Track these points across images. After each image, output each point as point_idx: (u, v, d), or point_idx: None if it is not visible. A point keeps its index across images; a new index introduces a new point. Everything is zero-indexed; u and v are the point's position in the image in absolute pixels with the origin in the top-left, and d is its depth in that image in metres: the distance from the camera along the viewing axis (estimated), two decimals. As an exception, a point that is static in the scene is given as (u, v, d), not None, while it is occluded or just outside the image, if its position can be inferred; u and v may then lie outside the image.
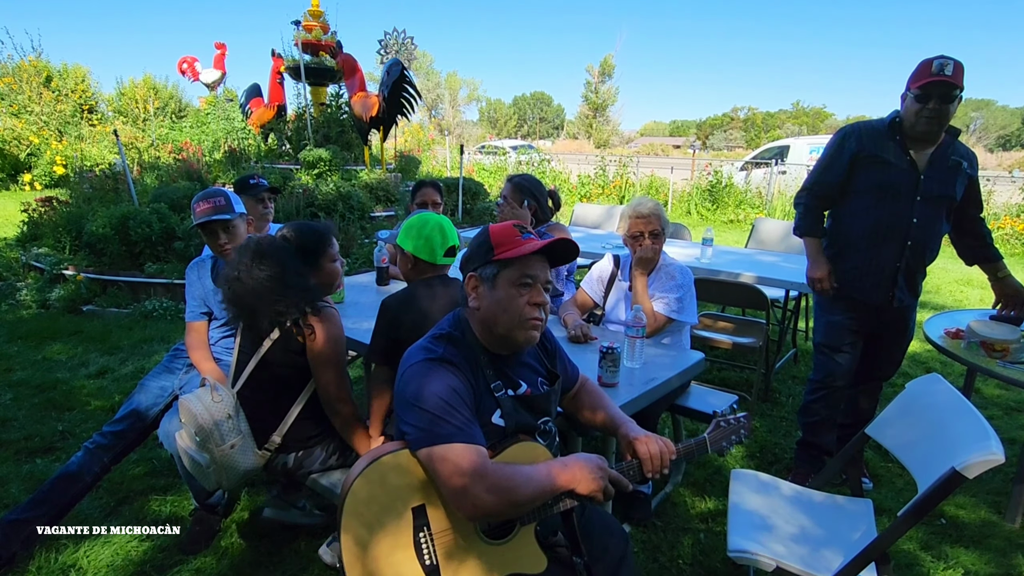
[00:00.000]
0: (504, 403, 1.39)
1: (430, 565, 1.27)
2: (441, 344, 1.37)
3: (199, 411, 1.78)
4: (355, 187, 6.25)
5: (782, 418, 3.35)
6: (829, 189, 2.56)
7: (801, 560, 1.67)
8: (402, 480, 1.27)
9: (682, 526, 2.44)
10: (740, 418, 1.56)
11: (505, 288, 1.35)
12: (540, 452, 1.38)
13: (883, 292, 2.50)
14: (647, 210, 2.50)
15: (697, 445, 1.50)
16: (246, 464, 1.85)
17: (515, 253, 1.34)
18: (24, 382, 3.60)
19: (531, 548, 1.35)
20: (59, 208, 5.83)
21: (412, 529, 1.27)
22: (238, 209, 2.38)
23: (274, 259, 1.85)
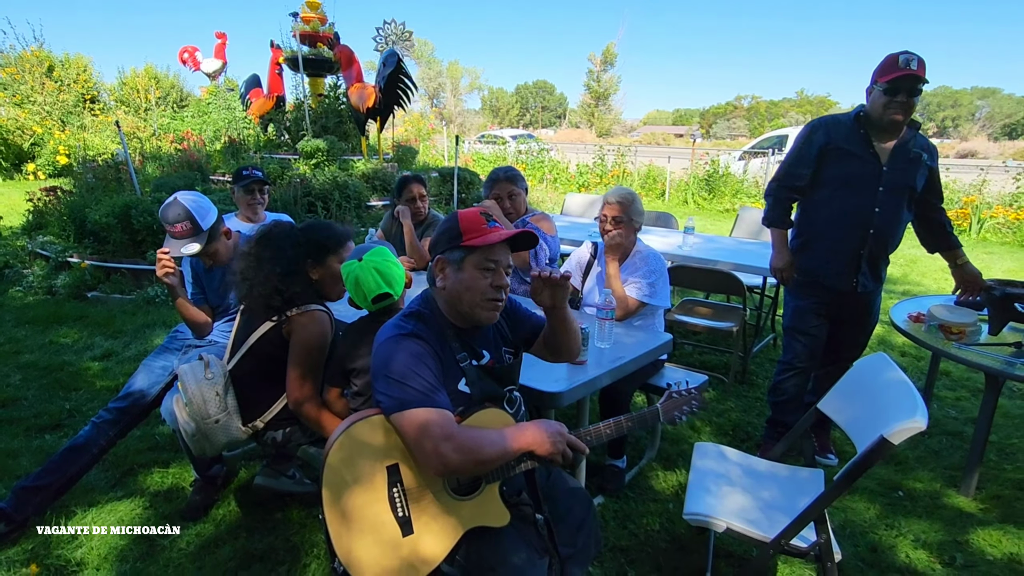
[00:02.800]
0: (468, 372, 1.54)
1: (403, 517, 1.41)
2: (411, 321, 1.52)
3: (191, 385, 1.93)
4: (351, 177, 6.37)
5: (756, 399, 3.49)
6: (798, 180, 2.68)
7: (750, 522, 1.82)
8: (377, 442, 1.42)
9: (653, 497, 2.59)
10: (692, 390, 1.70)
11: (470, 271, 1.50)
12: (505, 418, 1.52)
13: (847, 278, 2.63)
14: (613, 198, 2.64)
15: (650, 414, 1.64)
16: (227, 437, 1.99)
17: (481, 241, 1.48)
18: (32, 364, 3.75)
19: (495, 504, 1.49)
20: (63, 197, 5.97)
21: (387, 485, 1.41)
22: (206, 222, 2.34)
23: (275, 246, 1.99)
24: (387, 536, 1.40)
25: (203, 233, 2.34)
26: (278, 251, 1.97)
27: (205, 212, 2.35)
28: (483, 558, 1.46)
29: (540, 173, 13.87)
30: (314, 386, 1.98)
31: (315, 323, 1.98)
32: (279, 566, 2.14)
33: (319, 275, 2.05)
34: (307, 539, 2.27)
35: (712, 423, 3.23)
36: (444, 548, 1.43)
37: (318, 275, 2.05)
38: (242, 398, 2.04)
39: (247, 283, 1.99)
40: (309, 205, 5.85)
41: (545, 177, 13.60)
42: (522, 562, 1.46)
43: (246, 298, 2.02)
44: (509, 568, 1.44)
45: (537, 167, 14.26)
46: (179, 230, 2.30)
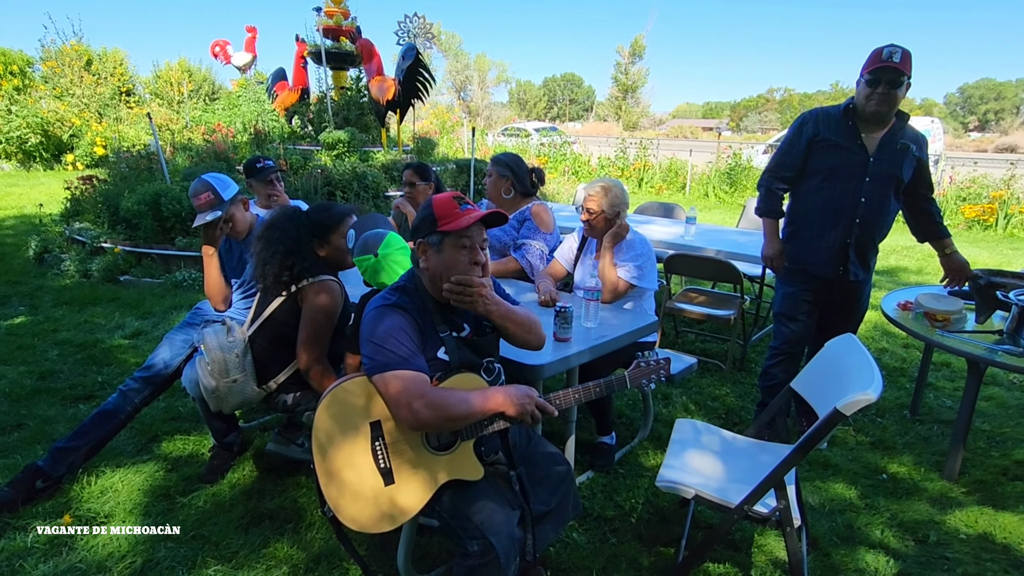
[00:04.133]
0: (448, 342, 1.69)
1: (384, 468, 1.58)
2: (396, 294, 1.69)
3: (213, 345, 2.14)
4: (371, 167, 6.57)
5: (752, 385, 3.57)
6: (789, 171, 2.76)
7: (717, 490, 1.93)
8: (362, 400, 1.58)
9: (641, 473, 2.71)
10: (660, 360, 1.82)
11: (448, 252, 1.65)
12: (478, 383, 1.66)
13: (834, 267, 2.71)
14: (592, 190, 2.75)
15: (617, 380, 1.77)
16: (244, 396, 2.20)
17: (455, 226, 1.63)
18: (68, 341, 4.02)
19: (470, 460, 1.64)
20: (98, 186, 6.28)
21: (370, 439, 1.57)
22: (227, 194, 2.60)
23: (281, 228, 2.20)
24: (370, 484, 1.56)
25: (224, 203, 2.58)
26: (283, 232, 2.18)
27: (226, 185, 2.61)
28: (458, 507, 1.62)
29: (561, 166, 13.94)
30: (320, 350, 2.18)
31: (324, 292, 2.18)
32: (285, 524, 2.32)
33: (326, 251, 2.27)
34: (312, 501, 2.45)
35: (706, 407, 3.33)
36: (422, 497, 1.59)
37: (325, 251, 2.27)
38: (258, 362, 2.24)
39: (260, 263, 2.20)
40: (329, 195, 6.05)
41: (566, 170, 13.67)
42: (494, 511, 1.60)
43: (261, 276, 2.22)
44: (483, 516, 1.59)
45: (559, 160, 14.34)
46: (203, 200, 2.55)
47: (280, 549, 2.19)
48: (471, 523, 1.59)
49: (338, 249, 2.29)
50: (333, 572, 2.09)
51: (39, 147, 13.76)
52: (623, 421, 3.18)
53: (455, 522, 1.62)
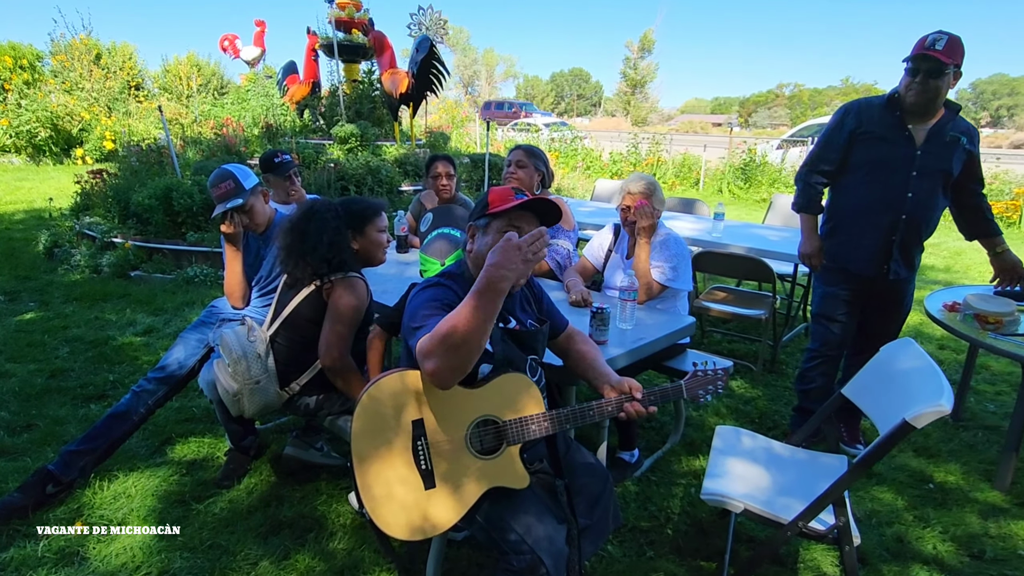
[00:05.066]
0: (493, 332, 1.58)
1: (425, 469, 1.47)
2: (443, 277, 1.65)
3: (234, 345, 2.04)
4: (384, 161, 6.45)
5: (785, 388, 3.44)
6: (828, 165, 2.63)
7: (768, 504, 1.81)
8: (405, 395, 1.48)
9: (675, 481, 2.59)
10: (719, 370, 1.69)
11: (493, 234, 1.59)
12: (525, 382, 1.56)
13: (877, 265, 2.57)
14: (636, 188, 2.63)
15: (673, 390, 1.65)
16: (266, 399, 2.09)
17: (504, 207, 1.58)
18: (79, 338, 3.93)
19: (515, 466, 1.53)
20: (108, 180, 6.20)
21: (411, 438, 1.47)
22: (248, 184, 2.51)
23: (322, 218, 2.11)
24: (410, 487, 1.46)
25: (246, 191, 2.49)
26: (323, 223, 2.09)
27: (247, 175, 2.52)
28: (502, 518, 1.50)
29: (573, 161, 13.79)
30: (345, 348, 2.08)
31: (353, 291, 2.09)
32: (306, 533, 2.22)
33: (359, 244, 2.18)
34: (333, 509, 2.34)
35: (738, 411, 3.21)
36: (464, 504, 1.48)
37: (359, 244, 2.18)
38: (280, 363, 2.14)
39: (293, 256, 2.11)
40: (342, 189, 5.95)
41: (578, 165, 13.52)
42: (541, 524, 1.49)
43: (294, 270, 2.13)
44: (529, 528, 1.47)
45: (570, 155, 14.17)
46: (223, 189, 2.47)
47: (301, 560, 2.08)
48: (516, 536, 1.48)
49: (372, 243, 2.20)
50: (357, 586, 1.99)
51: (48, 141, 13.71)
52: (652, 425, 3.06)
53: (497, 534, 1.51)
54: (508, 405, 1.54)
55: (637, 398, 1.60)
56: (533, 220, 1.63)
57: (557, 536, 1.52)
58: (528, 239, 1.35)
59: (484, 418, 1.53)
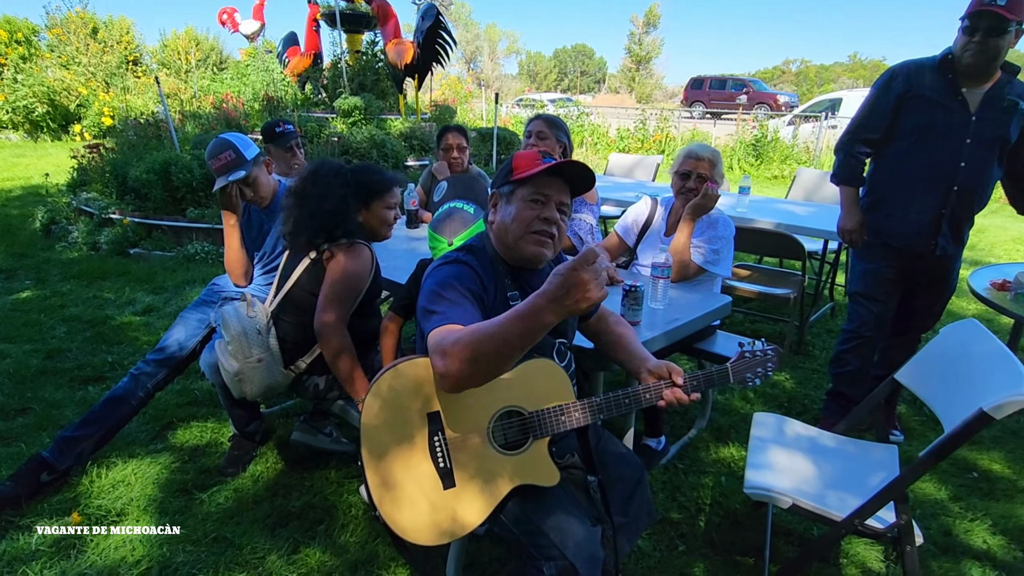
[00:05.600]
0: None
1: (444, 468, 1.32)
2: (462, 252, 1.48)
3: (233, 322, 1.89)
4: (389, 135, 6.24)
5: (814, 370, 3.29)
6: (873, 133, 2.44)
7: (817, 499, 1.67)
8: (420, 387, 1.32)
9: (703, 469, 2.45)
10: (768, 350, 1.54)
11: (518, 203, 1.44)
12: (556, 371, 1.40)
13: (924, 240, 2.40)
14: (705, 153, 2.42)
15: (718, 374, 1.49)
16: (270, 379, 1.95)
17: (528, 173, 1.42)
18: (76, 317, 3.79)
19: (544, 462, 1.38)
20: (105, 155, 6.01)
21: (427, 434, 1.32)
22: (249, 154, 2.32)
23: (326, 183, 1.94)
24: (427, 488, 1.31)
25: (248, 162, 2.30)
26: (327, 188, 1.92)
27: (247, 144, 2.34)
28: (529, 519, 1.36)
29: (580, 137, 13.53)
30: (338, 314, 1.92)
31: (355, 258, 1.93)
32: (316, 525, 2.09)
33: (364, 218, 2.01)
34: (343, 499, 2.21)
35: (765, 395, 3.06)
36: (488, 505, 1.33)
37: (363, 218, 2.01)
38: (284, 341, 2.00)
39: (294, 219, 1.96)
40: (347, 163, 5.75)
41: (585, 141, 13.26)
42: (574, 526, 1.35)
43: (291, 234, 1.98)
44: (561, 530, 1.33)
45: (576, 131, 13.90)
46: (223, 160, 2.28)
47: (312, 555, 1.95)
48: (547, 539, 1.33)
49: (377, 219, 2.04)
50: (372, 583, 1.86)
51: (46, 117, 13.49)
52: (677, 410, 2.91)
53: (526, 537, 1.36)
54: (534, 394, 1.38)
55: (679, 384, 1.45)
56: (562, 188, 1.47)
57: (592, 539, 1.37)
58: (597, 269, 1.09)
59: (508, 409, 1.37)
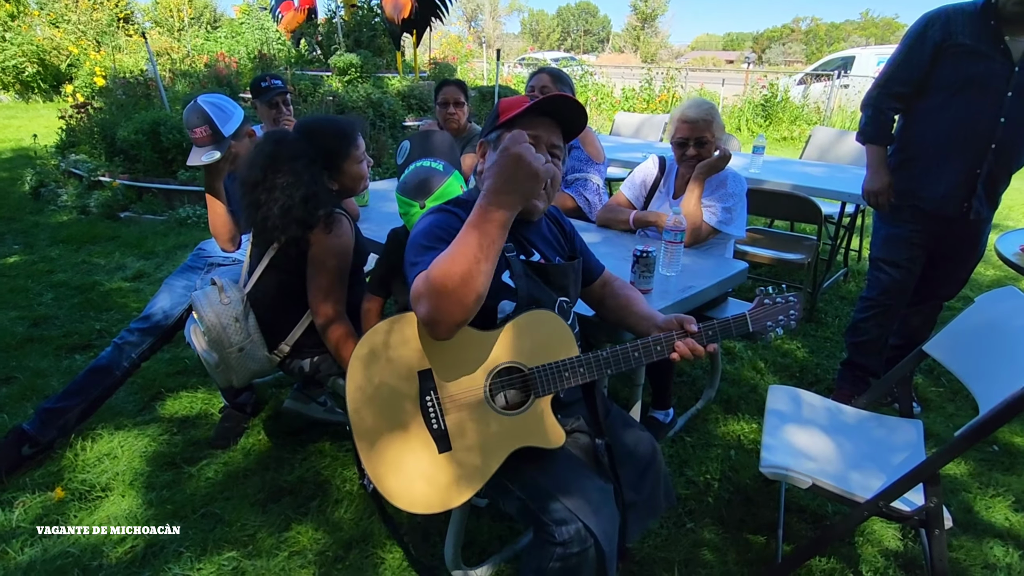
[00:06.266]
0: (514, 264, 1.34)
1: (438, 430, 1.23)
2: (452, 203, 1.38)
3: (207, 312, 1.74)
4: (387, 94, 6.01)
5: (826, 339, 3.18)
6: (906, 86, 2.26)
7: (839, 478, 1.57)
8: (408, 344, 1.23)
9: (712, 442, 2.36)
10: (790, 297, 1.42)
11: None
12: (555, 321, 1.29)
13: (957, 202, 2.25)
14: (696, 114, 2.22)
15: (736, 322, 1.37)
16: (254, 366, 1.81)
17: (515, 113, 1.29)
18: (64, 283, 3.67)
19: (548, 421, 1.28)
20: (93, 114, 5.80)
21: (419, 393, 1.23)
22: (228, 128, 2.10)
23: (290, 169, 1.68)
24: (420, 452, 1.22)
25: (225, 140, 2.09)
26: (294, 175, 1.67)
27: (227, 116, 2.09)
28: (537, 483, 1.27)
29: (584, 97, 13.19)
30: (339, 300, 1.77)
31: (338, 235, 1.75)
32: (308, 501, 2.00)
33: (338, 184, 1.82)
34: (338, 473, 2.12)
35: (776, 363, 2.95)
36: (487, 469, 1.24)
37: (338, 184, 1.82)
38: (264, 322, 1.84)
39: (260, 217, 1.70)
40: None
41: (589, 101, 12.93)
42: (586, 487, 1.25)
43: (261, 233, 1.79)
44: (571, 495, 1.23)
45: (580, 92, 13.55)
46: (199, 135, 2.08)
47: (304, 532, 1.87)
48: (557, 503, 1.23)
49: (352, 178, 1.83)
50: (366, 562, 1.78)
51: (36, 77, 13.16)
52: (684, 380, 2.81)
53: (534, 503, 1.26)
54: (535, 349, 1.28)
55: (693, 331, 1.33)
56: (554, 128, 1.34)
57: (606, 498, 1.28)
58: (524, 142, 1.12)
59: (507, 365, 1.27)
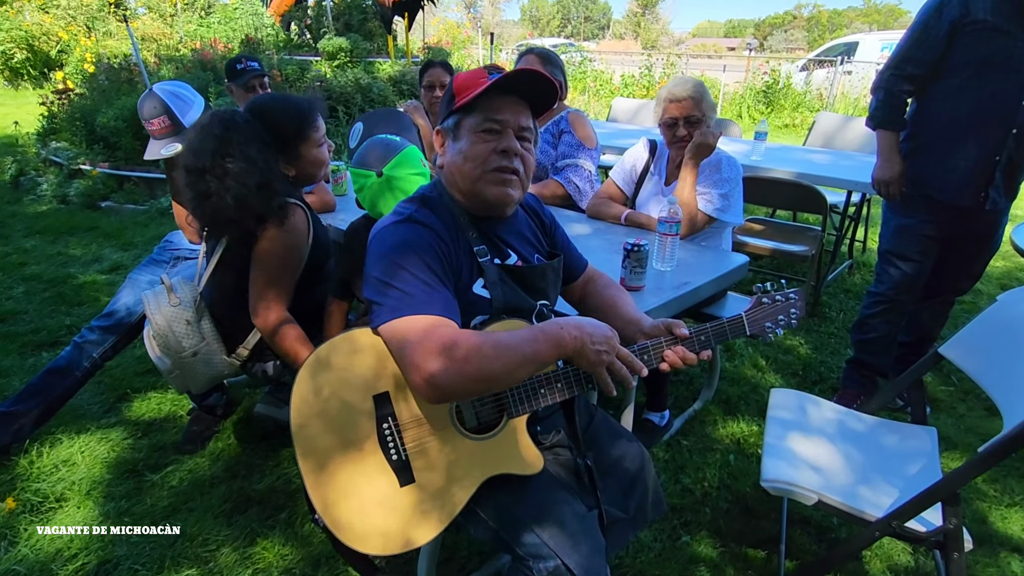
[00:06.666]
0: (488, 270, 1.17)
1: (398, 461, 1.08)
2: (412, 204, 1.18)
3: (156, 315, 1.59)
4: (376, 79, 5.83)
5: (830, 335, 3.04)
6: (920, 67, 2.10)
7: (847, 494, 1.43)
8: (363, 364, 1.08)
9: (710, 446, 2.22)
10: (790, 294, 1.27)
11: (467, 136, 1.15)
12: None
13: (973, 192, 2.10)
14: (684, 92, 2.07)
15: (731, 325, 1.22)
16: (212, 371, 1.67)
17: (472, 94, 1.11)
18: (37, 276, 3.53)
19: (523, 445, 1.14)
20: (75, 100, 5.63)
21: (375, 421, 1.08)
22: (189, 117, 1.96)
23: (242, 152, 1.52)
24: (379, 485, 1.07)
25: (185, 131, 1.95)
26: (250, 164, 1.51)
27: (187, 106, 1.95)
28: (511, 514, 1.13)
29: (583, 84, 12.96)
30: (280, 301, 1.61)
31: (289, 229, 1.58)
32: (278, 512, 1.87)
33: (296, 170, 1.67)
34: (311, 482, 1.99)
35: (778, 361, 2.81)
36: (455, 502, 1.10)
37: (295, 170, 1.66)
38: (220, 323, 1.70)
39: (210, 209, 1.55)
40: (330, 109, 5.38)
41: (588, 87, 12.71)
42: (566, 518, 1.12)
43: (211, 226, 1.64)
44: (550, 526, 1.10)
45: (579, 78, 13.31)
46: (156, 127, 1.94)
47: (270, 548, 1.74)
48: (533, 536, 1.10)
49: (310, 163, 1.68)
50: (336, 581, 1.65)
51: (26, 64, 12.95)
52: (680, 379, 2.67)
53: (509, 534, 1.13)
54: None
55: (684, 335, 1.18)
56: (520, 108, 1.17)
57: (588, 529, 1.14)
58: (633, 363, 1.10)
59: None
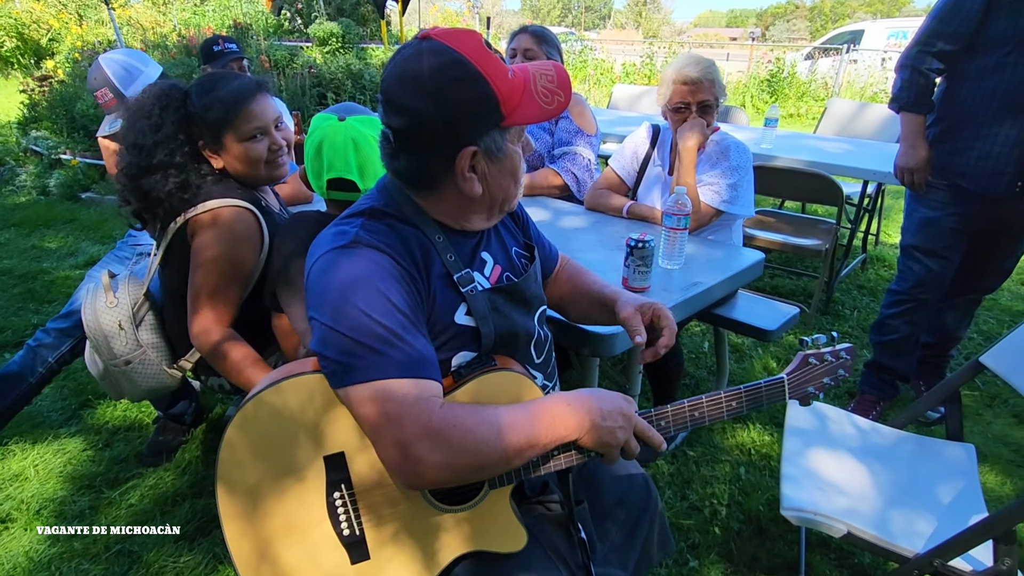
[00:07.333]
0: (476, 301, 0.95)
1: (351, 537, 0.88)
2: (355, 221, 0.92)
3: (88, 314, 1.42)
4: (369, 65, 5.63)
5: (844, 334, 2.85)
6: (952, 43, 1.91)
7: (879, 525, 1.26)
8: (311, 416, 0.86)
9: (719, 458, 2.05)
10: (841, 352, 1.08)
11: (512, 152, 0.93)
12: (520, 384, 0.94)
13: (1007, 181, 1.91)
14: (696, 73, 1.88)
15: (768, 390, 1.04)
16: (149, 383, 1.50)
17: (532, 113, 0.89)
18: (8, 271, 3.35)
19: (504, 518, 0.95)
20: (56, 87, 5.43)
21: (324, 488, 0.87)
22: (132, 88, 1.79)
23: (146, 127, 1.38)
24: (324, 563, 0.88)
25: (127, 101, 1.76)
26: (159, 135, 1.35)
27: (131, 77, 1.76)
28: None
29: (583, 73, 12.74)
30: (221, 320, 1.40)
31: (215, 227, 1.39)
32: (245, 534, 1.70)
33: (224, 161, 1.44)
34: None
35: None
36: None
37: (223, 161, 1.44)
38: (167, 329, 1.52)
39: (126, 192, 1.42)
40: (320, 97, 5.18)
41: (589, 76, 12.49)
42: None
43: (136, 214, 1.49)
44: None
45: (580, 67, 13.09)
46: (101, 99, 1.75)
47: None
48: None
49: (237, 158, 1.43)
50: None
51: (16, 52, 12.71)
52: (687, 383, 2.49)
53: None
54: None
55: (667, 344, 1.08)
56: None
57: None
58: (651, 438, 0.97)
59: None
